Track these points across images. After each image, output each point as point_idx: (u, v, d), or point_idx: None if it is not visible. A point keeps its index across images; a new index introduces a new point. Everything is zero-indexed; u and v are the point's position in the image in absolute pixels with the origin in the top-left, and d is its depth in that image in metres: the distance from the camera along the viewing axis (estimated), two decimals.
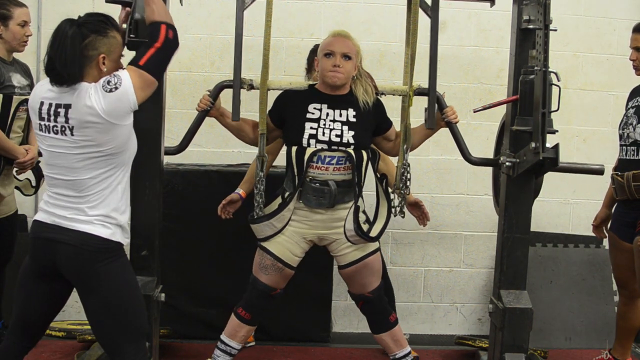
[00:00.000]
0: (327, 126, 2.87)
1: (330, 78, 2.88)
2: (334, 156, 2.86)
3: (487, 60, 4.19)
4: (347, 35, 2.98)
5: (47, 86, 2.25)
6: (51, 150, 2.24)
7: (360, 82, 2.96)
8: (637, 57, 3.11)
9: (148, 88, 2.24)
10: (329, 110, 2.90)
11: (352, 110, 2.92)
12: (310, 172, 2.87)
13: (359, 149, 2.88)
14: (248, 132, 3.02)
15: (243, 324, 2.97)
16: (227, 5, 3.53)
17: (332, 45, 2.90)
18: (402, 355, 3.05)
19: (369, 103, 2.94)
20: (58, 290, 2.32)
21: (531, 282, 3.78)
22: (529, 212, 3.04)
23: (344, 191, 2.91)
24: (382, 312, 3.04)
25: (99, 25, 2.24)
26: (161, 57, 2.27)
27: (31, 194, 3.47)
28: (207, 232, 3.68)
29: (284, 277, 2.97)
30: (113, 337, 2.27)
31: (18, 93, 3.20)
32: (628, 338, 3.35)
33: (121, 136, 2.23)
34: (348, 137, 2.87)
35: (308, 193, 2.89)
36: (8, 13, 3.16)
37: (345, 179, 2.89)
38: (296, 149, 2.87)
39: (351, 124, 2.89)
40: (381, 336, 3.05)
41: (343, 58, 2.88)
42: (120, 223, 2.29)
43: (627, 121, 3.16)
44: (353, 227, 2.89)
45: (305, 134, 2.86)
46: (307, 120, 2.88)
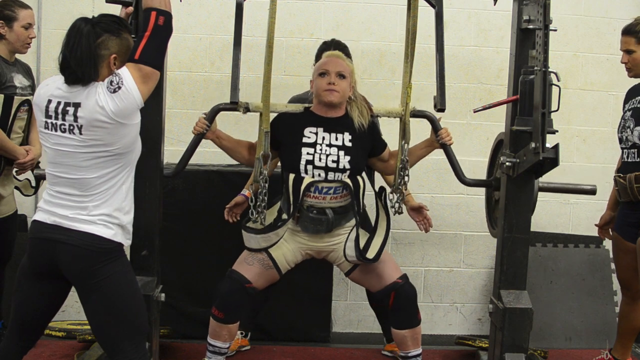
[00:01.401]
0: (323, 151, 2.88)
1: (325, 96, 2.91)
2: (331, 187, 2.89)
3: (487, 60, 4.19)
4: (341, 55, 3.03)
5: (56, 84, 2.25)
6: (57, 148, 2.24)
7: (355, 104, 2.99)
8: (628, 59, 3.10)
9: (150, 80, 2.23)
10: (324, 134, 2.92)
11: (347, 134, 2.94)
12: (307, 201, 2.90)
13: (355, 175, 2.91)
14: (243, 153, 3.04)
15: (220, 324, 2.92)
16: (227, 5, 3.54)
17: (326, 65, 2.94)
18: (416, 354, 3.01)
19: (365, 125, 2.96)
20: (57, 290, 2.32)
21: (531, 282, 3.79)
22: (529, 212, 3.04)
23: (342, 216, 2.95)
24: (414, 302, 2.96)
25: (112, 26, 2.25)
26: (154, 46, 2.24)
27: (31, 194, 3.47)
28: (207, 232, 3.69)
29: (266, 276, 2.95)
30: (113, 337, 2.27)
31: (19, 93, 3.20)
32: (629, 338, 3.35)
33: (129, 135, 2.23)
34: (344, 162, 2.89)
35: (305, 221, 2.93)
36: (13, 14, 3.17)
37: (342, 205, 2.93)
38: (293, 177, 2.88)
39: (347, 148, 2.91)
40: (403, 332, 2.98)
41: (338, 77, 2.92)
42: (122, 223, 2.29)
43: (624, 124, 3.15)
44: (355, 255, 2.91)
45: (302, 160, 2.87)
46: (303, 145, 2.89)
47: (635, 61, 3.08)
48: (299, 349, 3.66)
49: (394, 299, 2.94)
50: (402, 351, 3.03)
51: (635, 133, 3.06)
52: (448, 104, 3.08)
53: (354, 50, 4.03)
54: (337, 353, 3.66)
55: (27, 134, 3.32)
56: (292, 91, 3.60)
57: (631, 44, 3.07)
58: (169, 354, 3.44)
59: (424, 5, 3.08)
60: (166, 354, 3.39)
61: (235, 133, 3.70)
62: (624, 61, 3.12)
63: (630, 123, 3.10)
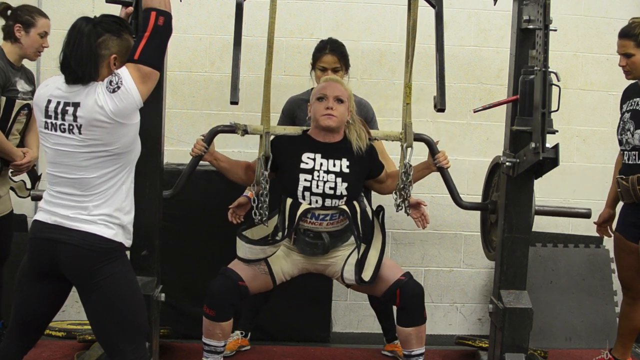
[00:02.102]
0: (321, 178, 2.90)
1: (323, 121, 2.92)
2: (327, 214, 2.92)
3: (487, 60, 4.19)
4: (339, 80, 3.06)
5: (55, 84, 2.25)
6: (56, 148, 2.24)
7: (354, 128, 3.01)
8: (627, 62, 3.07)
9: (149, 81, 2.23)
10: (322, 160, 2.93)
11: (345, 159, 2.95)
12: (304, 225, 2.92)
13: (351, 201, 2.93)
14: (240, 174, 3.08)
15: (213, 322, 2.91)
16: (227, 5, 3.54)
17: (324, 90, 2.95)
18: (419, 353, 3.00)
19: (362, 149, 2.98)
20: (57, 289, 2.32)
21: (531, 282, 3.79)
22: (529, 212, 3.04)
23: (338, 238, 2.98)
24: (420, 299, 2.94)
25: (113, 26, 2.25)
26: (154, 46, 2.24)
27: (25, 196, 3.48)
28: (207, 232, 3.69)
29: (259, 280, 2.96)
30: (113, 337, 2.27)
31: (21, 98, 3.23)
32: (630, 338, 3.35)
33: (128, 135, 2.23)
34: (342, 189, 2.90)
35: (302, 243, 2.96)
36: (32, 20, 3.20)
37: (339, 229, 2.96)
38: (291, 202, 2.91)
39: (345, 175, 2.92)
40: (408, 330, 2.95)
41: (335, 101, 2.93)
42: (123, 223, 2.29)
43: (624, 126, 3.14)
44: (354, 278, 2.92)
45: (300, 187, 2.89)
46: (301, 171, 2.91)
47: (635, 64, 3.05)
48: (299, 349, 3.66)
49: (400, 297, 2.93)
50: (405, 350, 3.01)
51: (636, 136, 3.05)
52: (448, 104, 3.09)
53: (354, 50, 4.04)
54: (337, 353, 3.66)
55: (23, 136, 3.34)
56: (292, 91, 3.60)
57: (630, 47, 3.04)
58: (169, 354, 3.44)
59: (424, 5, 3.08)
60: (166, 354, 3.39)
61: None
62: (622, 64, 3.09)
63: (629, 125, 3.09)
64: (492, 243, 3.32)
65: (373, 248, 2.99)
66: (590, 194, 4.24)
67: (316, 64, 3.43)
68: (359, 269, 2.90)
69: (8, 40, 3.21)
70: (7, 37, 3.21)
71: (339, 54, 3.41)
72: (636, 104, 3.09)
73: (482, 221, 3.46)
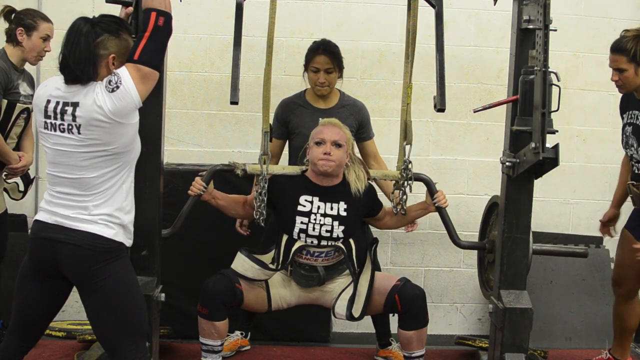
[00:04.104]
0: (317, 221, 2.93)
1: (321, 166, 2.93)
2: (322, 251, 2.96)
3: (487, 60, 4.19)
4: (337, 124, 3.05)
5: (54, 84, 2.25)
6: (56, 148, 2.24)
7: (352, 168, 3.03)
8: (619, 77, 3.04)
9: (148, 81, 2.23)
10: (320, 204, 2.96)
11: (343, 202, 2.97)
12: (299, 260, 2.97)
13: (347, 240, 2.97)
14: (238, 210, 3.13)
15: (207, 321, 2.91)
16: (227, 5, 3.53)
17: (322, 134, 2.97)
18: (419, 355, 3.01)
19: (361, 190, 3.00)
20: (58, 289, 2.32)
21: (531, 282, 3.78)
22: (529, 212, 3.04)
23: (333, 271, 3.02)
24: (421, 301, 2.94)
25: (111, 26, 2.26)
26: (153, 46, 2.24)
27: (18, 198, 3.48)
28: (207, 232, 3.68)
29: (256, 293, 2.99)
30: (113, 337, 2.27)
31: (22, 101, 3.24)
32: (626, 338, 3.35)
33: (127, 135, 2.23)
34: (338, 232, 2.94)
35: (297, 275, 3.01)
36: (34, 24, 3.20)
37: (334, 264, 2.99)
38: (286, 239, 2.95)
39: (342, 218, 2.95)
40: (410, 333, 2.96)
41: (334, 146, 2.94)
42: (123, 223, 2.29)
43: (627, 141, 3.13)
44: (345, 314, 2.97)
45: (296, 228, 2.93)
46: (298, 214, 2.94)
47: (627, 79, 3.02)
48: (299, 349, 3.66)
49: (400, 302, 2.94)
50: (406, 352, 3.03)
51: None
52: (448, 104, 3.09)
53: (354, 50, 4.04)
54: (337, 353, 3.66)
55: (19, 140, 3.34)
56: (292, 91, 3.60)
57: (622, 63, 3.00)
58: (169, 354, 3.44)
59: (424, 5, 3.08)
60: (166, 354, 3.39)
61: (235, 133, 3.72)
62: (614, 79, 3.06)
63: (632, 141, 3.09)
64: (489, 282, 3.31)
65: (362, 279, 3.01)
66: (590, 194, 4.24)
67: (309, 65, 3.42)
68: (351, 305, 2.94)
69: (10, 43, 3.22)
70: (10, 40, 3.22)
71: (332, 54, 3.39)
72: (635, 117, 3.08)
73: (479, 260, 3.46)
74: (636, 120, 3.07)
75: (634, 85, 3.04)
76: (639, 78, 3.01)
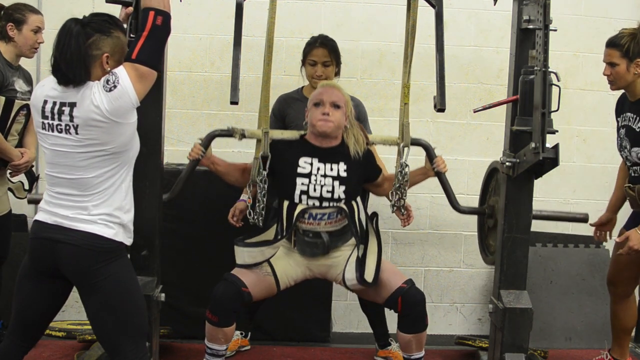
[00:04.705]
0: (318, 182, 2.90)
1: (320, 127, 2.92)
2: (325, 212, 2.91)
3: (487, 60, 4.19)
4: (335, 85, 3.04)
5: (51, 84, 2.25)
6: (54, 149, 2.23)
7: (351, 132, 3.01)
8: (611, 72, 3.06)
9: (146, 80, 2.22)
10: (319, 165, 2.93)
11: (343, 163, 2.95)
12: (302, 226, 2.92)
13: (349, 202, 2.93)
14: (237, 176, 3.09)
15: (215, 327, 2.89)
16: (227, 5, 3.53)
17: (320, 95, 2.95)
18: (418, 357, 3.00)
19: (360, 153, 2.98)
20: (58, 289, 2.32)
21: (531, 282, 3.79)
22: (529, 212, 3.04)
23: (338, 238, 2.97)
24: (422, 306, 2.93)
25: (103, 25, 2.24)
26: (151, 46, 2.23)
27: (23, 197, 3.48)
28: (207, 232, 3.68)
29: (263, 285, 2.94)
30: (113, 337, 2.27)
31: (19, 98, 3.23)
32: (624, 338, 3.36)
33: (125, 134, 2.23)
34: (339, 192, 2.90)
35: (301, 244, 2.96)
36: (22, 18, 3.19)
37: (338, 229, 2.95)
38: (287, 204, 2.91)
39: (342, 178, 2.92)
40: (409, 336, 2.94)
41: (332, 107, 2.92)
42: (123, 222, 2.29)
43: (621, 143, 3.14)
44: (355, 277, 2.88)
45: (297, 190, 2.89)
46: (298, 175, 2.91)
47: (618, 74, 3.04)
48: (299, 349, 3.66)
49: (401, 304, 2.92)
50: (405, 354, 3.02)
51: (634, 154, 3.06)
52: (448, 104, 3.09)
53: (354, 50, 4.04)
54: (337, 353, 3.66)
55: (21, 137, 3.34)
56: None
57: (615, 57, 3.03)
58: (169, 354, 3.44)
59: (424, 5, 3.08)
60: (166, 354, 3.39)
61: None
62: (606, 73, 3.08)
63: (626, 143, 3.10)
64: (490, 247, 3.32)
65: (370, 252, 2.98)
66: (590, 194, 4.24)
67: (306, 59, 3.43)
68: (359, 267, 2.89)
69: (2, 40, 3.21)
70: (1, 37, 3.21)
71: (330, 47, 3.40)
72: (628, 119, 3.09)
73: (480, 225, 3.47)
74: (629, 122, 3.08)
75: (624, 82, 3.06)
76: (630, 75, 3.03)
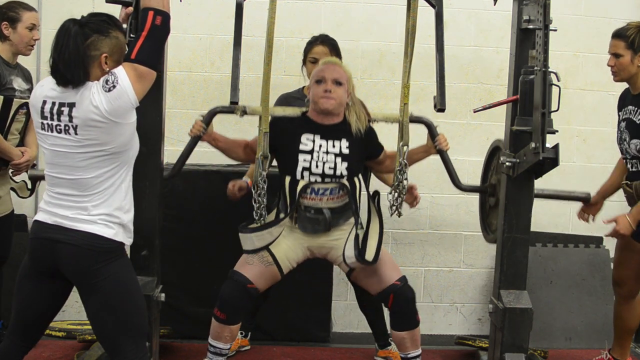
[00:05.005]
0: (320, 159, 2.89)
1: (322, 104, 2.91)
2: (327, 188, 2.90)
3: (487, 60, 4.19)
4: (337, 62, 3.03)
5: (50, 85, 2.25)
6: (54, 149, 2.23)
7: (353, 109, 3.00)
8: (615, 62, 3.08)
9: (145, 80, 2.22)
10: (321, 142, 2.92)
11: (345, 140, 2.94)
12: (304, 202, 2.90)
13: (352, 178, 2.91)
14: (239, 153, 3.07)
15: (222, 325, 2.91)
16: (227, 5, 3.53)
17: (322, 72, 2.94)
18: (415, 355, 3.01)
19: (362, 130, 2.97)
20: (58, 290, 2.32)
21: (531, 282, 3.78)
22: (529, 212, 3.04)
23: (339, 215, 2.95)
24: (412, 304, 2.96)
25: (101, 25, 2.24)
26: (150, 45, 2.23)
27: (26, 196, 3.48)
28: (207, 232, 3.69)
29: (267, 275, 2.93)
30: (114, 337, 2.27)
31: (18, 96, 3.22)
32: (626, 338, 3.36)
33: (125, 134, 2.23)
34: (342, 169, 2.89)
35: (303, 221, 2.94)
36: (17, 16, 3.19)
37: (339, 205, 2.93)
38: (289, 179, 2.89)
39: (344, 155, 2.91)
40: (402, 334, 2.97)
41: (334, 84, 2.91)
42: (123, 222, 2.29)
43: (621, 136, 3.15)
44: (354, 254, 2.87)
45: (299, 167, 2.88)
46: (300, 152, 2.90)
47: (622, 65, 3.06)
48: (299, 349, 3.66)
49: (392, 301, 2.94)
50: (402, 353, 3.03)
51: (632, 146, 3.06)
52: (448, 104, 3.09)
53: (354, 50, 4.04)
54: (337, 353, 3.66)
55: (22, 136, 3.33)
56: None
57: (620, 48, 3.05)
58: (169, 354, 3.44)
59: (424, 5, 3.08)
60: (166, 354, 3.39)
61: (235, 133, 3.69)
62: (610, 64, 3.10)
63: (625, 135, 3.11)
64: (492, 226, 3.33)
65: (372, 232, 2.97)
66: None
67: (307, 57, 3.43)
68: (357, 244, 2.87)
69: None
70: None
71: (331, 45, 3.41)
72: (629, 112, 3.10)
73: (481, 204, 3.46)
74: (630, 114, 3.09)
75: (627, 73, 3.07)
76: (633, 67, 3.05)
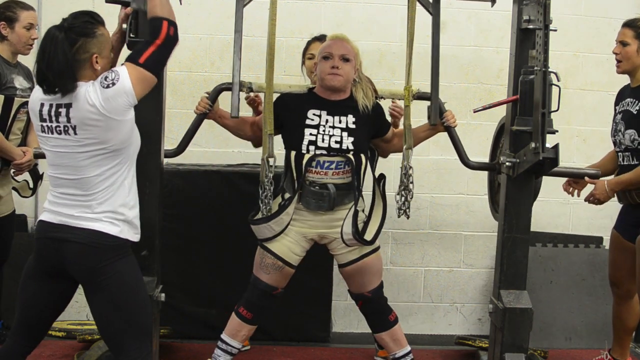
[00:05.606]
0: (326, 132, 2.87)
1: (329, 80, 2.88)
2: (332, 161, 2.86)
3: (487, 60, 4.19)
4: (345, 38, 2.98)
5: None
6: (55, 150, 2.24)
7: (360, 86, 2.97)
8: (621, 50, 3.11)
9: (147, 85, 2.24)
10: (328, 117, 2.90)
11: (351, 116, 2.91)
12: (309, 177, 2.87)
13: (358, 154, 2.88)
14: (246, 130, 3.04)
15: (244, 324, 2.95)
16: (227, 5, 3.53)
17: (330, 48, 2.91)
18: (402, 354, 3.04)
19: (369, 107, 2.94)
20: (63, 290, 2.33)
21: (531, 282, 3.79)
22: (529, 212, 3.04)
23: (344, 194, 2.91)
24: (381, 311, 3.02)
25: (85, 27, 2.22)
26: (161, 54, 2.26)
27: (28, 195, 3.48)
28: (207, 232, 3.68)
29: (284, 276, 2.96)
30: (118, 335, 2.27)
31: (19, 95, 3.22)
32: (625, 338, 3.36)
33: (123, 131, 2.23)
34: (348, 143, 2.87)
35: (307, 196, 2.89)
36: (14, 15, 3.18)
37: (344, 182, 2.90)
38: (295, 153, 2.86)
39: (351, 130, 2.89)
40: (381, 335, 3.04)
41: (341, 60, 2.88)
42: (128, 219, 2.29)
43: (616, 127, 3.17)
44: (351, 231, 2.86)
45: (305, 141, 2.85)
46: (306, 127, 2.87)
47: (627, 54, 3.10)
48: (299, 349, 3.66)
49: (360, 306, 3.03)
50: (389, 354, 3.07)
51: (627, 136, 3.07)
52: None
53: None
54: (337, 353, 3.66)
55: (24, 135, 3.33)
56: None
57: (628, 36, 3.10)
58: (169, 354, 3.44)
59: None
60: (166, 354, 3.39)
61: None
62: (616, 51, 3.14)
63: (621, 126, 3.12)
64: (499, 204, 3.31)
65: (374, 215, 2.97)
66: None
67: (306, 53, 3.44)
68: (355, 221, 2.87)
69: None
70: None
71: None
72: (627, 104, 3.12)
73: (490, 182, 3.43)
74: (627, 106, 3.11)
75: (631, 64, 3.10)
76: (638, 58, 3.08)
